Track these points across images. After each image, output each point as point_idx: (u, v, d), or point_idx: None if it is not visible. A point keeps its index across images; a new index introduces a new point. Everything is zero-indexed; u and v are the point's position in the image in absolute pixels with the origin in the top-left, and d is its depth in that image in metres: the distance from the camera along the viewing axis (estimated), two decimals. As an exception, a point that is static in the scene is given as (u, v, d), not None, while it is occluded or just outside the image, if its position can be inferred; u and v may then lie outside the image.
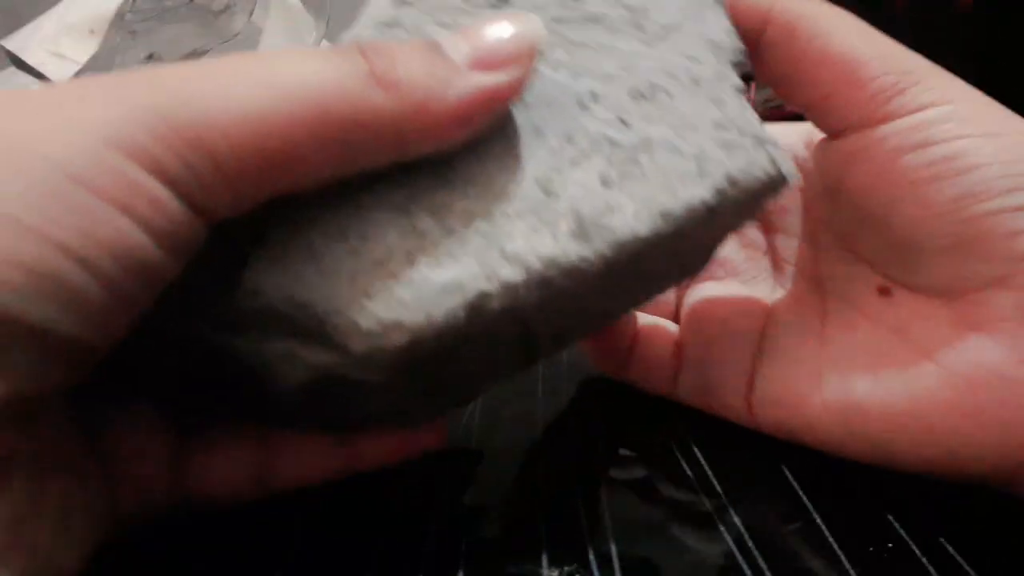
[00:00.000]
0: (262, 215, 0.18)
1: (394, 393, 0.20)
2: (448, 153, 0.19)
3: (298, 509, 0.23)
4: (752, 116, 0.22)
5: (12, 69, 0.33)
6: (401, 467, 0.25)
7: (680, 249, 0.22)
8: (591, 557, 0.22)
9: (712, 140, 0.21)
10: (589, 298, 0.21)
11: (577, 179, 0.19)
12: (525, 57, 0.18)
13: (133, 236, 0.15)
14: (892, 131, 0.22)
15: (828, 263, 0.27)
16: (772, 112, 0.70)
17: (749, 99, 0.74)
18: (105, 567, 0.19)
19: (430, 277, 0.18)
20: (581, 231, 0.19)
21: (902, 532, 0.22)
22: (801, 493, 0.25)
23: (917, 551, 0.22)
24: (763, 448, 0.26)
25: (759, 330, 0.27)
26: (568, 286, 0.19)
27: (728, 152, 0.21)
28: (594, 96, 0.21)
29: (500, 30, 0.18)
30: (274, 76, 0.16)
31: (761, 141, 0.21)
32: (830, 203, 0.26)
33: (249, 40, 0.38)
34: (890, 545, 0.22)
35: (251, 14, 0.35)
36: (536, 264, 0.18)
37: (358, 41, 0.17)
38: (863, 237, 0.24)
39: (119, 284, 0.15)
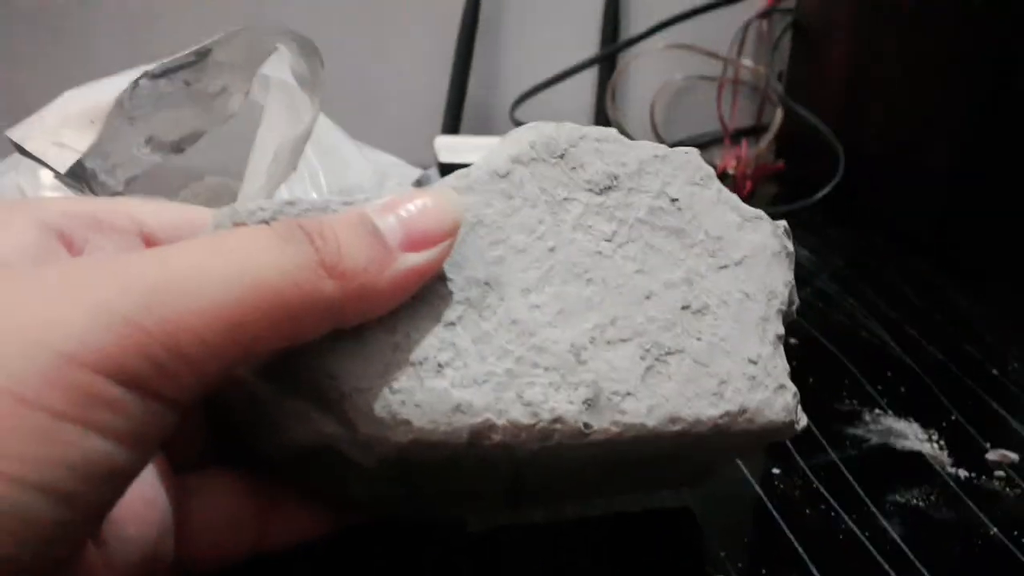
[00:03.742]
0: None
1: (378, 484, 0.21)
2: (505, 292, 0.21)
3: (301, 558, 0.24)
4: (782, 365, 0.24)
5: (16, 155, 0.34)
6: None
7: (680, 456, 0.24)
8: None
9: (740, 371, 0.23)
10: (585, 468, 0.22)
11: (608, 358, 0.21)
12: (449, 235, 0.20)
13: (96, 447, 0.15)
14: None
15: None
16: (762, 168, 0.71)
17: (741, 156, 0.75)
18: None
19: (450, 392, 0.20)
20: (595, 403, 0.21)
21: None
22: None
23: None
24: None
25: None
26: (567, 447, 0.21)
27: (751, 387, 0.23)
28: (650, 295, 0.22)
29: (428, 211, 0.20)
30: (236, 272, 0.17)
31: (784, 389, 0.23)
32: None
33: (250, 118, 0.40)
34: None
35: (247, 95, 0.36)
36: (545, 416, 0.20)
37: (301, 222, 0.18)
38: None
39: (81, 497, 0.15)
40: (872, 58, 0.62)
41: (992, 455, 0.31)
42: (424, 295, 0.20)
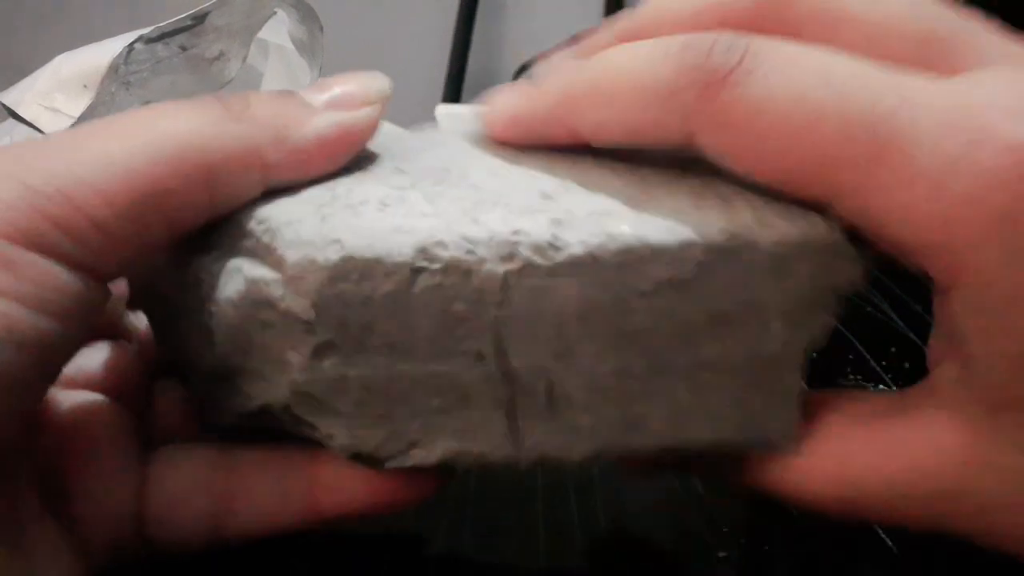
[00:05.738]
0: None
1: (327, 364, 0.18)
2: (467, 171, 0.19)
3: (295, 556, 0.23)
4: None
5: (11, 121, 0.33)
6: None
7: (709, 333, 0.18)
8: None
9: (744, 203, 0.18)
10: (581, 341, 0.18)
11: (583, 197, 0.18)
12: (376, 100, 0.19)
13: (14, 316, 0.14)
14: None
15: None
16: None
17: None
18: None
19: (389, 220, 0.17)
20: (566, 220, 0.17)
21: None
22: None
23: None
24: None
25: None
26: (540, 291, 0.17)
27: (757, 216, 0.18)
28: (615, 170, 0.20)
29: (349, 80, 0.19)
30: (133, 128, 0.16)
31: (804, 219, 0.18)
32: None
33: (248, 85, 0.39)
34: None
35: (244, 60, 0.36)
36: (503, 230, 0.17)
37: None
38: None
39: (8, 370, 0.14)
40: None
41: (997, 433, 0.31)
42: (372, 169, 0.19)
